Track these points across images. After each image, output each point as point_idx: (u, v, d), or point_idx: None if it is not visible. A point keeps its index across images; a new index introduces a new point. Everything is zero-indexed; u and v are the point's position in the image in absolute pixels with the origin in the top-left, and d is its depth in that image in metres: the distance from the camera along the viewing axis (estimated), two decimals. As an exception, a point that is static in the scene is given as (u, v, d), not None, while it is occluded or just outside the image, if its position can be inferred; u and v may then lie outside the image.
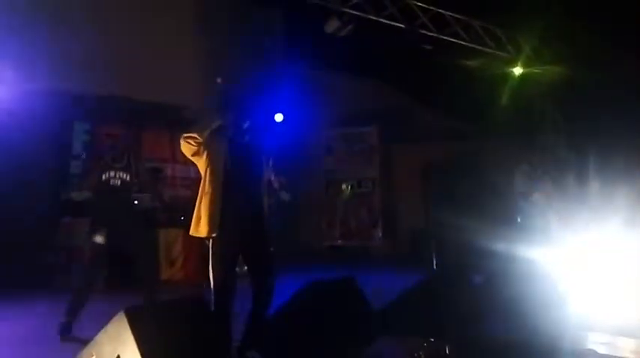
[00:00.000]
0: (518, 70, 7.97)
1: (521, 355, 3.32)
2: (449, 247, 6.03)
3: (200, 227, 3.24)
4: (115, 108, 7.39)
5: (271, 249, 3.52)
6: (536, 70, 7.99)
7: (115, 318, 2.67)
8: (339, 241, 10.10)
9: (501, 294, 4.20)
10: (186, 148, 3.28)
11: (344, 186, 10.14)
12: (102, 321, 2.85)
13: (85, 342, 2.87)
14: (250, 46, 8.63)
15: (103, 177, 4.42)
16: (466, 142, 9.14)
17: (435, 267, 5.56)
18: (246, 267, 3.47)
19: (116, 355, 2.58)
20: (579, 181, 7.07)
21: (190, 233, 3.32)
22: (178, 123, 8.29)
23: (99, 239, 4.26)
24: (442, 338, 2.89)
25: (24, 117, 6.36)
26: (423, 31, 6.85)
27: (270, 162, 3.78)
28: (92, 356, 2.70)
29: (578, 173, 6.97)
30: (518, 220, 6.37)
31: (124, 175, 4.46)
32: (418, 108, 9.87)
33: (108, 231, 4.26)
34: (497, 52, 7.69)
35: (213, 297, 3.18)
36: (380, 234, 9.93)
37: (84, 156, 7.15)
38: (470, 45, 7.30)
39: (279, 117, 8.59)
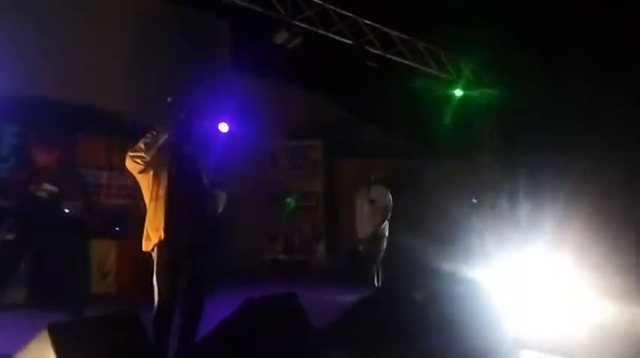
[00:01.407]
0: (458, 92, 8.26)
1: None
2: (391, 264, 6.11)
3: (149, 241, 3.22)
4: (49, 111, 6.99)
5: (206, 265, 3.44)
6: (475, 93, 8.31)
7: (38, 336, 2.47)
8: (281, 255, 9.98)
9: (441, 312, 4.27)
10: (133, 166, 3.23)
11: (288, 200, 10.06)
12: (25, 339, 2.63)
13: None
14: (193, 54, 8.46)
15: (30, 188, 4.18)
16: (409, 160, 9.33)
17: (377, 283, 5.60)
18: None
19: (37, 376, 2.38)
20: (511, 203, 7.38)
21: (143, 249, 3.28)
22: (115, 129, 8.04)
23: (8, 235, 4.03)
24: (385, 356, 2.86)
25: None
26: (369, 49, 6.97)
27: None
28: (9, 378, 2.48)
29: (510, 195, 7.28)
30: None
31: (52, 187, 4.23)
32: (363, 124, 9.99)
33: (18, 229, 4.04)
34: (440, 74, 7.95)
35: (155, 310, 3.08)
36: (323, 249, 9.91)
37: (11, 163, 6.65)
38: (414, 65, 7.51)
39: (224, 127, 8.43)
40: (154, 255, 3.20)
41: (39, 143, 4.85)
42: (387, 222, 6.09)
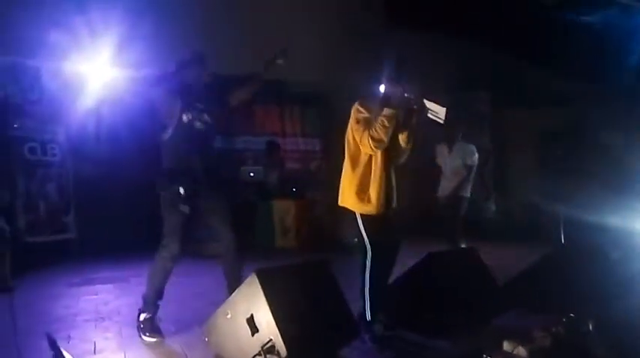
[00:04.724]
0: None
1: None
2: (574, 221, 5.61)
3: (349, 198, 3.30)
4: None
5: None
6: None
7: (248, 280, 2.80)
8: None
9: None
10: (367, 148, 3.25)
11: None
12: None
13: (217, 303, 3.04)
14: (349, 23, 8.53)
15: None
16: (586, 107, 8.34)
17: (562, 241, 5.18)
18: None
19: (250, 313, 2.72)
20: None
21: (340, 204, 3.38)
22: (287, 98, 8.57)
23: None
24: (583, 314, 2.66)
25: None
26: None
27: None
28: (228, 314, 2.87)
29: None
30: None
31: None
32: (534, 71, 9.15)
33: None
34: (629, 3, 6.83)
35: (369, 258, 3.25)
36: (493, 207, 9.47)
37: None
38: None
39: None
40: (358, 212, 3.28)
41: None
42: (470, 182, 5.46)
